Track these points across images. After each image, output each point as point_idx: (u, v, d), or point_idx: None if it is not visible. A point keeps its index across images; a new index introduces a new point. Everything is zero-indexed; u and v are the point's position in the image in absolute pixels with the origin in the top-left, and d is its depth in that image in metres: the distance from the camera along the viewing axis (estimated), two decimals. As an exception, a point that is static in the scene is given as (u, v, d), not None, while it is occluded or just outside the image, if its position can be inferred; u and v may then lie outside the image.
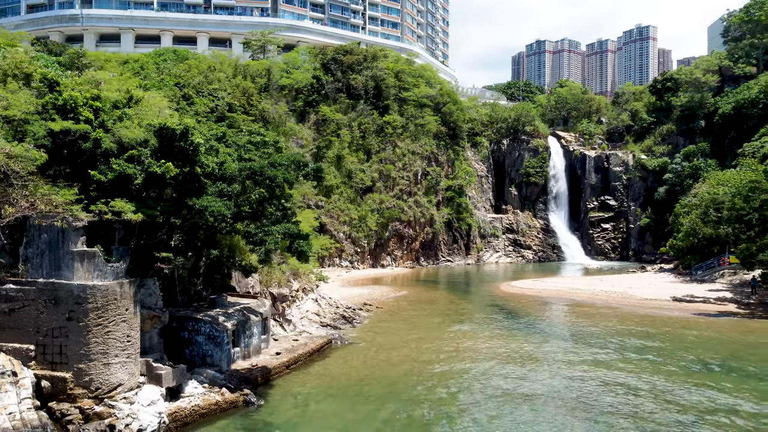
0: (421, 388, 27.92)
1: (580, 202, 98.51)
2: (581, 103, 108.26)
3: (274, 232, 25.26)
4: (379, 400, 26.53)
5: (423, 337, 38.42)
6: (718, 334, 39.33)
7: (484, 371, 30.56)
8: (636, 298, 53.21)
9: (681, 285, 60.28)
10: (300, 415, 24.78)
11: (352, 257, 75.28)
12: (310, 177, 27.75)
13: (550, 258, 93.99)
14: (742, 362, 32.47)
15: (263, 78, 78.53)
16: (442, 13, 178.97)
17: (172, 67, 72.03)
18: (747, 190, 46.02)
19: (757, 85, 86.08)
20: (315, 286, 53.61)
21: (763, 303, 49.34)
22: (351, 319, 42.73)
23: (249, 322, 30.05)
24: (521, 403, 25.78)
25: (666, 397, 26.67)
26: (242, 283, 35.45)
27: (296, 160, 27.16)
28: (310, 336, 35.82)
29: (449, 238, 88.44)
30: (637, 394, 26.92)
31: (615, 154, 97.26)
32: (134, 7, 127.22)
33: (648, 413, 24.53)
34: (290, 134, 76.25)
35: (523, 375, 29.86)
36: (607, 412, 24.68)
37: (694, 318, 45.24)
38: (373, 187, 79.64)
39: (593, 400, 26.14)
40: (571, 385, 28.29)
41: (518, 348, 35.41)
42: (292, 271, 42.41)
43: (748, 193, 45.90)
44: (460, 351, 34.81)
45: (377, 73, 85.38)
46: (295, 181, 26.30)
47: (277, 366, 29.62)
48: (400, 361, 32.53)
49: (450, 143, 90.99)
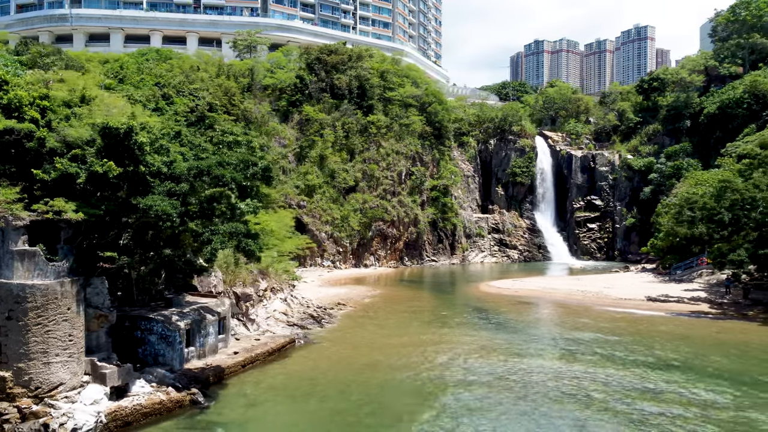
0: (374, 389, 27.90)
1: (567, 202, 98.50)
2: (569, 103, 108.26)
3: (221, 231, 25.19)
4: (330, 400, 26.50)
5: (389, 337, 38.41)
6: (684, 333, 39.31)
7: (441, 371, 30.55)
8: (611, 297, 53.18)
9: (659, 285, 60.25)
10: (246, 414, 24.75)
11: (334, 257, 75.24)
12: (258, 176, 27.62)
13: (536, 258, 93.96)
14: (701, 360, 32.44)
15: (246, 78, 78.49)
16: (435, 13, 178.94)
17: (154, 66, 72.06)
18: (718, 190, 46.00)
19: (741, 84, 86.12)
20: (291, 286, 53.76)
21: (736, 303, 49.31)
22: (320, 318, 42.69)
23: (204, 322, 30.02)
24: (468, 397, 25.91)
25: (608, 390, 26.70)
26: (204, 282, 35.41)
27: (245, 159, 27.07)
28: (273, 336, 35.78)
29: (434, 238, 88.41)
30: (572, 386, 26.96)
31: (601, 154, 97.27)
32: (123, 6, 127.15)
33: (582, 405, 24.58)
34: (273, 134, 76.29)
35: (482, 373, 29.89)
36: (540, 402, 24.75)
37: (664, 317, 45.25)
38: (356, 186, 79.61)
39: (537, 394, 26.20)
40: (523, 378, 28.33)
41: (481, 347, 35.40)
42: (261, 270, 42.43)
43: (719, 193, 45.90)
44: (421, 350, 34.77)
45: (361, 73, 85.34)
46: (243, 180, 26.16)
47: (232, 365, 29.59)
48: (359, 361, 32.51)
49: (435, 143, 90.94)
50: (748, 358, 33.34)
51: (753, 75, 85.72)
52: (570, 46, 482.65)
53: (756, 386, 27.99)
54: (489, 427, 23.20)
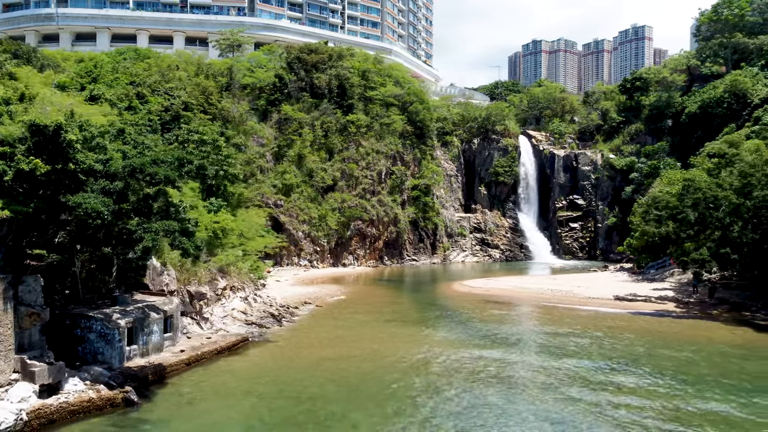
0: (314, 387, 27.85)
1: (549, 202, 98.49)
2: (553, 103, 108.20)
3: (154, 229, 25.15)
4: (267, 398, 26.50)
5: (344, 335, 38.42)
6: (641, 331, 39.30)
7: (385, 369, 30.55)
8: (579, 296, 53.19)
9: (631, 284, 60.26)
10: (177, 412, 24.71)
11: (312, 256, 75.19)
12: (192, 174, 27.57)
13: (517, 257, 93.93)
14: (649, 359, 32.42)
15: (224, 77, 78.41)
16: (425, 13, 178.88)
17: (131, 65, 72.02)
18: (681, 189, 45.97)
19: (722, 84, 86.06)
20: (260, 284, 53.79)
21: (702, 302, 49.31)
22: (281, 317, 42.66)
23: (148, 320, 29.99)
24: (404, 394, 25.99)
25: (534, 378, 26.81)
26: (157, 281, 35.37)
27: (180, 157, 27.03)
28: (225, 334, 35.76)
29: (415, 237, 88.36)
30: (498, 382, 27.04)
31: (584, 154, 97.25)
32: (110, 6, 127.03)
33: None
34: (250, 133, 76.20)
35: (422, 369, 29.92)
36: (462, 388, 24.84)
37: (627, 316, 45.29)
38: (335, 186, 79.57)
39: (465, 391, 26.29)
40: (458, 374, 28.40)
41: (433, 344, 35.43)
42: (221, 269, 42.41)
43: (682, 192, 45.86)
44: (372, 348, 34.79)
45: (341, 72, 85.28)
46: (176, 178, 26.10)
47: (175, 363, 29.55)
48: (307, 359, 32.49)
49: (417, 142, 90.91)
50: (693, 355, 33.30)
51: (733, 74, 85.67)
52: (568, 46, 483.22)
53: (689, 382, 27.98)
54: (417, 420, 23.25)
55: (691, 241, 48.45)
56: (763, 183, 42.00)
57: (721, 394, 26.48)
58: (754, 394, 26.57)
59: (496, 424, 23.20)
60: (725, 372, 30.09)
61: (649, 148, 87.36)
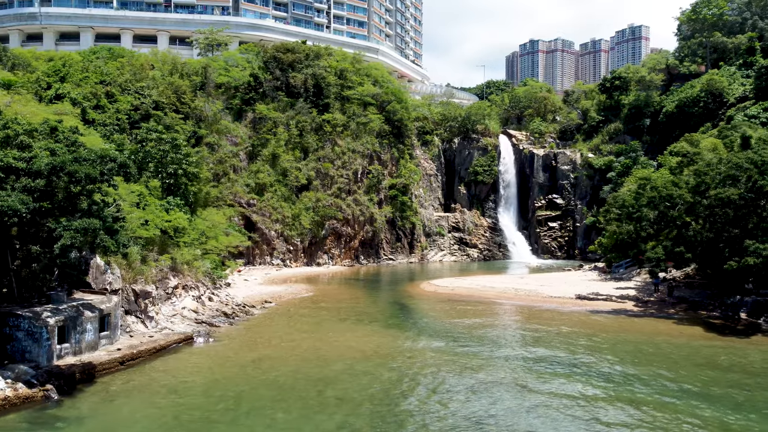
0: (243, 387, 27.77)
1: (529, 201, 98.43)
2: (534, 102, 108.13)
3: (74, 227, 25.07)
4: (190, 396, 26.40)
5: (292, 335, 38.34)
6: (590, 330, 39.25)
7: (323, 369, 30.50)
8: (542, 296, 53.14)
9: (598, 283, 60.29)
10: (97, 409, 24.64)
11: (285, 255, 75.13)
12: (114, 172, 27.45)
13: (496, 257, 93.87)
14: (589, 357, 32.38)
15: (199, 76, 78.31)
16: (414, 12, 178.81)
17: (103, 65, 71.94)
18: (637, 188, 45.94)
19: (699, 83, 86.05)
20: (224, 283, 53.77)
21: (662, 301, 49.30)
22: (233, 316, 42.64)
23: (81, 318, 29.91)
24: (331, 393, 25.98)
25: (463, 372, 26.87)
26: (100, 279, 35.29)
27: (103, 155, 26.93)
28: (169, 333, 35.69)
29: (392, 236, 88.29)
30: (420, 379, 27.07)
31: (563, 153, 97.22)
32: (94, 5, 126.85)
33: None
34: (224, 132, 76.13)
35: (364, 372, 29.87)
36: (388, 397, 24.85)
37: (584, 314, 45.27)
38: (309, 185, 79.50)
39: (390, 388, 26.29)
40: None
41: (378, 344, 35.39)
42: (172, 267, 42.35)
43: (638, 191, 45.83)
44: (317, 348, 34.72)
45: (318, 72, 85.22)
46: (98, 176, 25.98)
47: (107, 362, 29.47)
48: (246, 358, 32.45)
49: (395, 142, 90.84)
50: (630, 354, 33.27)
51: (710, 74, 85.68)
52: (565, 46, 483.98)
53: (618, 379, 27.97)
54: (336, 420, 23.21)
55: (652, 240, 48.38)
56: (717, 182, 41.97)
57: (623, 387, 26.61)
58: (663, 390, 26.57)
59: (412, 422, 23.18)
60: (649, 369, 30.02)
61: (621, 147, 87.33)
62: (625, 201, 46.96)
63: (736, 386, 27.31)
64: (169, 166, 48.34)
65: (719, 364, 31.12)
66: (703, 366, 30.75)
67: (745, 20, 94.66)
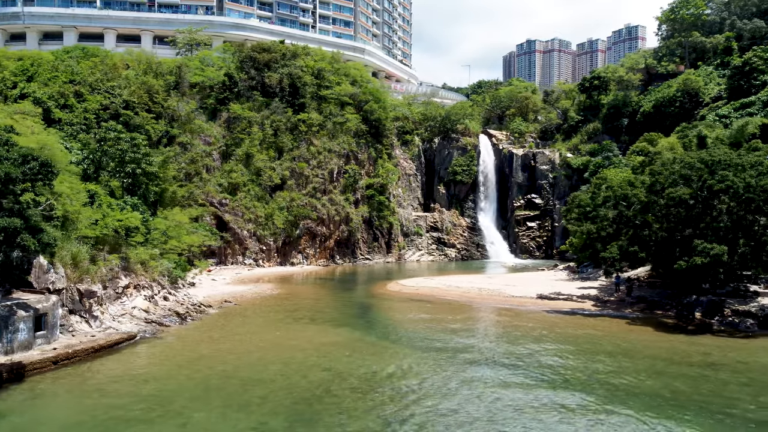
0: (171, 387, 27.67)
1: (508, 201, 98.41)
2: (515, 102, 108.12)
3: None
4: (115, 396, 26.27)
5: (241, 335, 38.20)
6: (538, 327, 39.19)
7: (258, 368, 30.45)
8: (504, 295, 53.12)
9: (564, 283, 60.24)
10: (15, 409, 24.54)
11: (257, 255, 75.06)
12: (34, 170, 27.39)
13: (474, 257, 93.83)
14: (520, 351, 32.33)
15: (172, 76, 78.24)
16: (402, 12, 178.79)
17: (75, 64, 71.89)
18: (592, 187, 45.93)
19: (676, 83, 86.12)
20: (188, 282, 53.74)
21: (621, 301, 49.26)
22: (186, 316, 42.55)
23: (13, 318, 29.81)
24: (256, 395, 25.91)
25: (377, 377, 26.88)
26: (42, 279, 35.17)
27: (25, 154, 26.87)
28: (112, 332, 35.59)
29: (369, 236, 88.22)
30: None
31: (542, 153, 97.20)
32: (77, 5, 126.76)
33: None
34: (197, 132, 76.05)
35: (299, 372, 29.84)
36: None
37: (540, 314, 45.24)
38: (284, 185, 79.43)
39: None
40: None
41: (323, 344, 35.35)
42: (125, 267, 42.28)
43: (594, 191, 45.83)
44: (260, 347, 34.68)
45: (294, 71, 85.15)
46: (20, 176, 25.91)
47: (39, 362, 29.35)
48: (185, 359, 32.36)
49: (372, 141, 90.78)
50: (565, 351, 33.23)
51: (686, 73, 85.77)
52: (562, 46, 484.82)
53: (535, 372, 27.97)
54: (253, 418, 23.15)
55: (613, 240, 48.34)
56: (670, 181, 41.95)
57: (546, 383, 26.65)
58: (578, 387, 26.61)
59: (328, 420, 23.14)
60: (577, 366, 30.02)
61: (592, 147, 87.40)
62: (581, 201, 46.95)
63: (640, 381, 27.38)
64: (127, 165, 48.26)
65: (643, 361, 31.08)
66: (628, 361, 30.71)
67: (723, 20, 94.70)
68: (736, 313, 42.42)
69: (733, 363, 31.20)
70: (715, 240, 38.52)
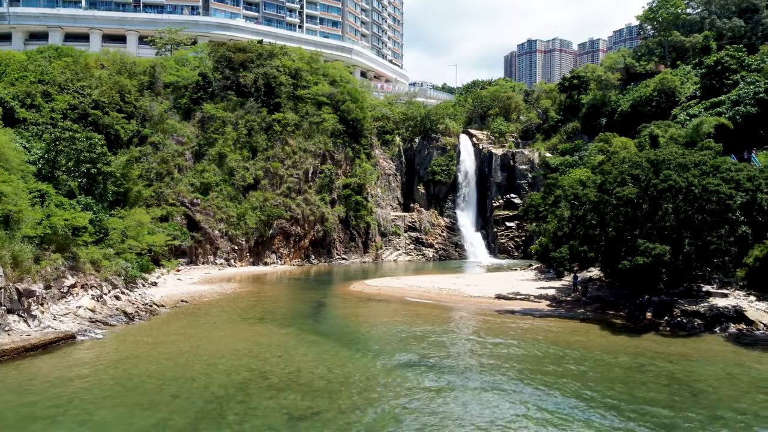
0: (83, 387, 27.59)
1: (487, 201, 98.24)
2: (496, 102, 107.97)
3: None
4: (31, 394, 26.28)
5: (184, 334, 38.22)
6: (480, 328, 39.13)
7: (181, 369, 30.42)
8: (462, 295, 53.06)
9: (528, 282, 60.10)
10: None
11: (229, 255, 75.10)
12: None
13: (452, 256, 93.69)
14: (447, 352, 32.28)
15: (146, 75, 78.36)
16: (392, 11, 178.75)
17: (47, 64, 72.07)
18: (545, 189, 45.83)
19: (653, 82, 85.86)
20: (150, 282, 53.77)
21: (577, 301, 49.13)
22: (134, 315, 42.59)
23: (-62, 317, 29.93)
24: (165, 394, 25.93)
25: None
26: (-21, 278, 35.26)
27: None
28: (49, 332, 35.61)
29: (346, 236, 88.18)
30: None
31: (521, 153, 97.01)
32: (62, 5, 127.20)
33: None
34: (170, 131, 76.13)
35: (223, 372, 29.85)
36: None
37: (488, 314, 45.11)
38: (257, 184, 79.46)
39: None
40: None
41: (258, 344, 35.37)
42: (72, 266, 42.33)
43: (545, 191, 45.72)
44: (196, 347, 34.66)
45: (269, 71, 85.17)
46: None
47: (-39, 361, 29.48)
48: (111, 359, 32.27)
49: (349, 141, 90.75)
50: (495, 352, 33.17)
51: (663, 73, 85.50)
52: (563, 46, 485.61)
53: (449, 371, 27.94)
54: (157, 416, 23.16)
55: (570, 239, 48.21)
56: (619, 181, 41.81)
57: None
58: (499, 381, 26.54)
59: (229, 421, 23.12)
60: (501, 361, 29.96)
61: (565, 146, 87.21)
62: (533, 201, 46.86)
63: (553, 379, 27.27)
64: (82, 165, 48.37)
65: (569, 362, 30.98)
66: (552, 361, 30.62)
67: (704, 19, 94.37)
68: (685, 313, 42.32)
69: (661, 363, 31.08)
70: (659, 240, 38.38)
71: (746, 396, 26.33)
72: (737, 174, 36.78)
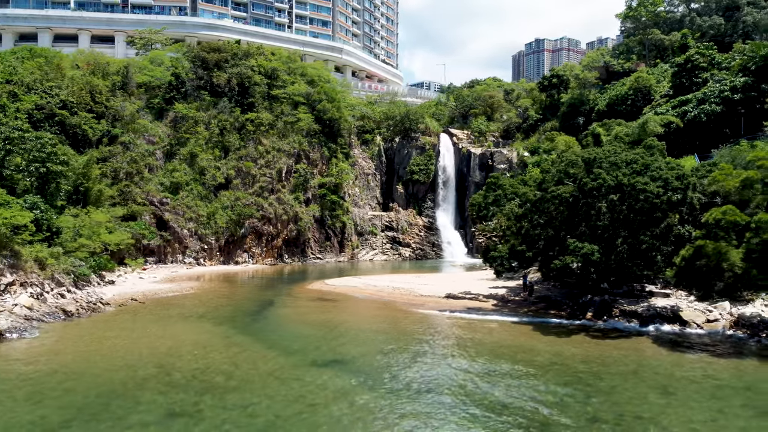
0: (12, 382, 28.04)
1: (465, 200, 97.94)
2: (479, 101, 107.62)
3: None
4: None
5: (117, 333, 38.43)
6: (411, 327, 39.07)
7: (106, 366, 30.65)
8: (413, 294, 53.03)
9: (483, 282, 59.84)
10: None
11: (198, 254, 75.47)
12: None
13: (428, 256, 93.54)
14: (362, 350, 32.29)
15: (118, 75, 78.95)
16: (385, 11, 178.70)
17: (19, 64, 72.82)
18: (486, 187, 45.65)
19: (629, 81, 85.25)
20: (107, 280, 54.18)
21: (524, 300, 48.95)
22: (74, 314, 42.93)
23: None
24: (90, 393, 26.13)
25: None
26: None
27: None
28: (-24, 329, 36.06)
29: (321, 235, 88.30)
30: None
31: (500, 152, 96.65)
32: (51, 6, 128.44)
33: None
34: (141, 131, 76.65)
35: (152, 369, 30.03)
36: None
37: (434, 313, 45.09)
38: (229, 184, 79.80)
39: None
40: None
41: (184, 342, 35.54)
42: (12, 264, 42.77)
43: (486, 190, 45.55)
44: (126, 346, 34.72)
45: (243, 71, 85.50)
46: None
47: None
48: (35, 357, 32.63)
49: (325, 141, 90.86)
50: (403, 352, 33.11)
51: (639, 71, 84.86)
52: (571, 45, 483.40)
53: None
54: (38, 412, 23.36)
55: (515, 237, 48.02)
56: (556, 180, 41.58)
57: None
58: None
59: (110, 416, 23.26)
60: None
61: (536, 145, 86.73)
62: (473, 200, 46.73)
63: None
64: (31, 164, 48.87)
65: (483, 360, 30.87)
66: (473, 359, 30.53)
67: (684, 17, 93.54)
68: (623, 313, 42.18)
69: (573, 364, 30.88)
70: (591, 239, 38.16)
71: (641, 398, 26.09)
72: (666, 173, 36.44)
